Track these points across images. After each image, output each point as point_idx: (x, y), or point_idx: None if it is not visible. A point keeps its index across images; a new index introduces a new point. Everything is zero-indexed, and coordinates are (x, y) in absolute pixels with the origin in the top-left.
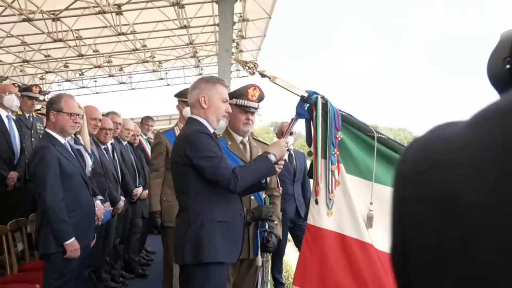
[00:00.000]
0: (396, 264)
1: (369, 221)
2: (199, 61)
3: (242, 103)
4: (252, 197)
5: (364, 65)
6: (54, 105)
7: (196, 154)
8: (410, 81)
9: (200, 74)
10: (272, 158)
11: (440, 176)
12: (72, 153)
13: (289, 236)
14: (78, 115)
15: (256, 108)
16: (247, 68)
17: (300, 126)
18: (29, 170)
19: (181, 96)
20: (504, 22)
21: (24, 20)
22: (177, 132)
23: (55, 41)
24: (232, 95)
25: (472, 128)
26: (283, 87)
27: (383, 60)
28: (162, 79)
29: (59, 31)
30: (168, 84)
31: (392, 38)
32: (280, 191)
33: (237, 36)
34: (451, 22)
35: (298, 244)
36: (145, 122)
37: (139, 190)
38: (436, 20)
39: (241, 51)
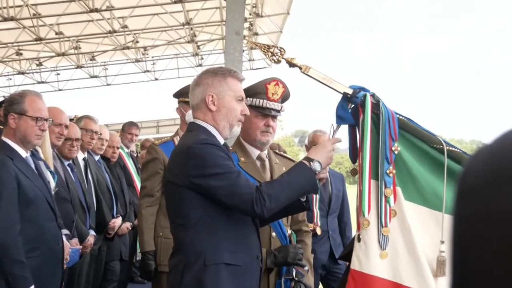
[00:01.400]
0: None
1: (440, 267)
2: (198, 47)
3: (260, 104)
4: (274, 234)
5: (416, 52)
6: (14, 105)
7: (203, 172)
8: (480, 78)
9: (200, 65)
10: (316, 166)
11: (509, 192)
12: (35, 171)
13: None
14: (46, 120)
15: (278, 111)
16: (269, 54)
17: (340, 134)
18: None
19: (182, 95)
20: None
21: None
22: None
23: (4, 19)
24: (246, 94)
25: None
26: (319, 81)
27: (440, 48)
28: (148, 71)
29: (10, 7)
30: (156, 79)
31: (454, 19)
32: (318, 226)
33: (250, 14)
34: None
35: None
36: (127, 130)
37: (117, 222)
38: None
39: (256, 33)
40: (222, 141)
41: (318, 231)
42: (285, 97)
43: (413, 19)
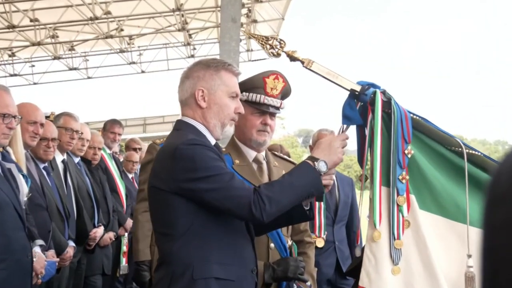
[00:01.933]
0: None
1: (470, 283)
2: (190, 36)
3: (257, 99)
4: (272, 245)
5: (416, 51)
6: None
7: (192, 175)
8: (480, 78)
9: (192, 56)
10: (321, 167)
11: None
12: (1, 174)
13: None
14: (14, 117)
15: (278, 108)
16: (268, 47)
17: (349, 136)
18: None
19: None
20: None
21: None
22: None
23: None
24: (242, 88)
25: None
26: (323, 77)
27: (440, 47)
28: (134, 63)
29: None
30: (143, 71)
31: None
32: (319, 238)
33: None
34: None
35: None
36: (109, 128)
37: (98, 232)
38: None
39: (255, 21)
40: (213, 142)
41: (319, 244)
42: (285, 93)
43: (413, 17)
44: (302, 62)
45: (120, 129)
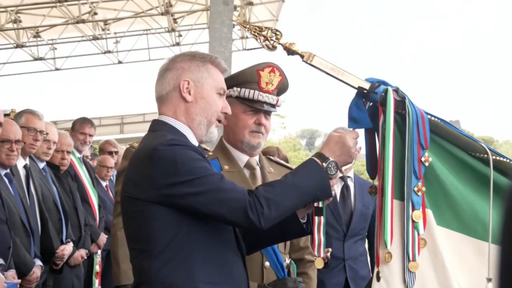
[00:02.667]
0: None
1: None
2: (175, 21)
3: (250, 96)
4: (267, 263)
5: (416, 47)
6: None
7: (174, 179)
8: (480, 74)
9: (177, 44)
10: (331, 168)
11: None
12: None
13: None
14: None
15: (274, 106)
16: (261, 38)
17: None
18: None
19: None
20: None
21: None
22: None
23: None
24: (233, 82)
25: None
26: (326, 73)
27: (440, 44)
28: (109, 52)
29: None
30: (120, 62)
31: None
32: (327, 254)
33: None
34: None
35: None
36: (79, 128)
37: (66, 249)
38: None
39: (250, 3)
40: (196, 143)
41: (318, 265)
42: (282, 87)
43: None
44: (302, 56)
45: (91, 129)
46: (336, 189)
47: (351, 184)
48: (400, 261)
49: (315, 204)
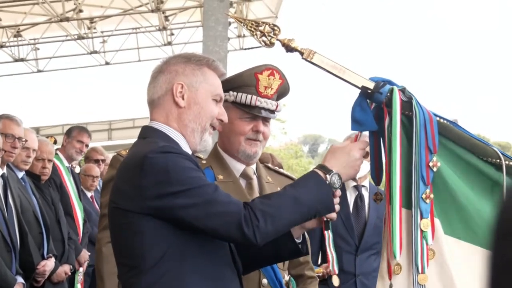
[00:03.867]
0: None
1: None
2: (166, 18)
3: (247, 101)
4: (265, 280)
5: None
6: None
7: (166, 189)
8: None
9: (169, 43)
10: (334, 180)
11: None
12: None
13: None
14: None
15: (273, 111)
16: (258, 34)
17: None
18: None
19: None
20: None
21: None
22: None
23: None
24: (230, 86)
25: None
26: (327, 71)
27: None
28: (96, 52)
29: None
30: (108, 63)
31: None
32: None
33: None
34: None
35: None
36: (76, 136)
37: (48, 265)
38: None
39: None
40: (189, 152)
41: (335, 282)
42: (282, 91)
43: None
44: (301, 53)
45: (88, 139)
46: (350, 199)
47: (365, 194)
48: (408, 273)
49: (324, 218)
